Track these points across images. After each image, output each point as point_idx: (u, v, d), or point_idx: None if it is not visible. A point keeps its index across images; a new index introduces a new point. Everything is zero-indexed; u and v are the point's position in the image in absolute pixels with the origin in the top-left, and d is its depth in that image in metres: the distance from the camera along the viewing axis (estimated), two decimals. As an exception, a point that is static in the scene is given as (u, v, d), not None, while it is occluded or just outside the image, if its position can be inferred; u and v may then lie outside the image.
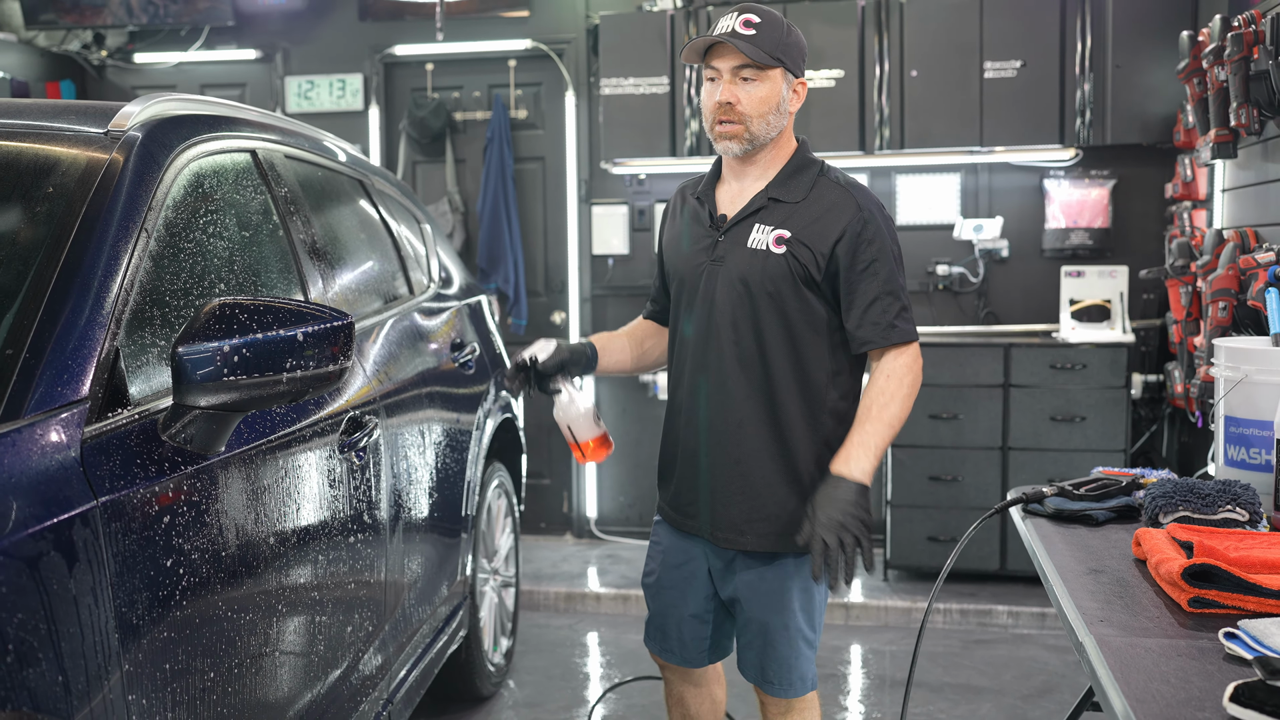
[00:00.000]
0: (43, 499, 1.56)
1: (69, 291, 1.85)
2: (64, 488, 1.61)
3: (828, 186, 2.46)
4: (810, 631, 2.54)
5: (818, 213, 2.43)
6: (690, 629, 2.66)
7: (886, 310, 2.40)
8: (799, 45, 2.46)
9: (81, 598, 1.57)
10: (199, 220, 2.30)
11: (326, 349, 1.95)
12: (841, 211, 2.42)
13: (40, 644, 1.47)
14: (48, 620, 1.49)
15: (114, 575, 1.65)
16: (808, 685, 2.56)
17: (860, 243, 2.39)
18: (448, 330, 3.73)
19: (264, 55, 6.15)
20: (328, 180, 3.24)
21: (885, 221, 2.45)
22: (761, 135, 2.43)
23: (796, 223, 2.42)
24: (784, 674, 2.54)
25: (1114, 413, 4.83)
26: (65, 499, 1.60)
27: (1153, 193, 5.29)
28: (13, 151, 2.17)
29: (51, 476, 1.60)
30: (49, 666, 1.49)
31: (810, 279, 2.42)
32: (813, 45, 5.23)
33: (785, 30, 2.43)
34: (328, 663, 2.45)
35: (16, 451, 1.58)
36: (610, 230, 5.84)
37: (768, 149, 2.49)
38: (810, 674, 2.56)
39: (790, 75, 2.44)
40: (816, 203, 2.44)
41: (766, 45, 2.38)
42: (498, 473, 4.09)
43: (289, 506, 2.25)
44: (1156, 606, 1.92)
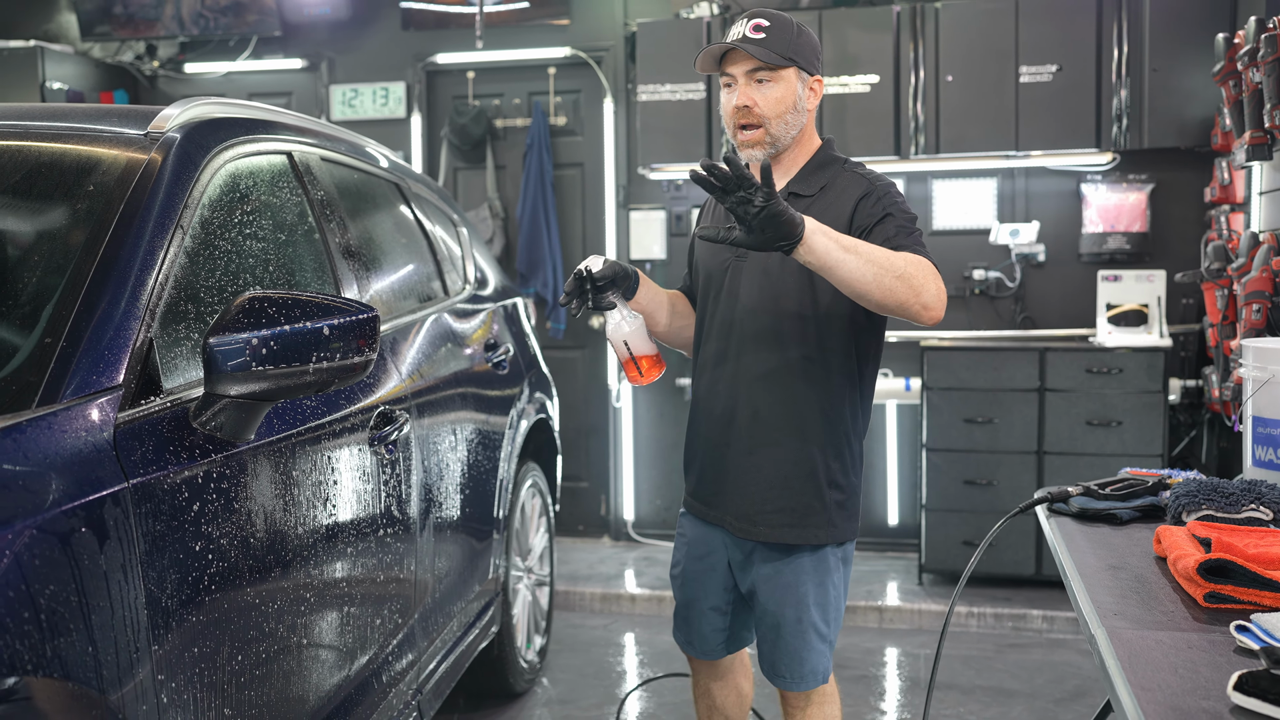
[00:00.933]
0: (76, 479, 1.64)
1: (106, 284, 1.93)
2: (97, 469, 1.68)
3: (845, 176, 2.50)
4: (824, 626, 2.57)
5: (833, 199, 2.47)
6: (709, 620, 2.72)
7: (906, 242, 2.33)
8: (810, 44, 2.49)
9: (112, 574, 1.64)
10: (234, 219, 2.38)
11: (352, 341, 2.01)
12: (853, 190, 2.45)
13: (71, 615, 1.55)
14: (79, 593, 1.57)
15: (144, 554, 1.72)
16: (819, 679, 2.59)
17: (873, 205, 2.40)
18: (482, 331, 3.80)
19: (310, 64, 6.28)
20: (364, 183, 3.32)
21: (901, 198, 2.45)
22: (782, 136, 2.48)
23: (814, 214, 2.40)
24: (795, 667, 2.58)
25: (1151, 417, 4.80)
26: (98, 479, 1.67)
27: (1192, 196, 5.26)
28: (58, 152, 2.26)
29: (85, 458, 1.68)
30: (79, 637, 1.56)
31: None
32: (848, 51, 5.27)
33: (795, 31, 2.46)
34: (354, 651, 2.51)
35: (53, 434, 1.66)
36: (648, 235, 5.89)
37: (797, 147, 2.53)
38: (823, 668, 2.59)
39: (805, 73, 2.47)
40: (832, 191, 2.48)
41: (777, 46, 2.41)
42: (532, 472, 4.15)
43: (317, 496, 2.32)
44: (1173, 602, 1.92)
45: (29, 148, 2.28)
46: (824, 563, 2.55)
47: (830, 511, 2.54)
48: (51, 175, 2.21)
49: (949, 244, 5.55)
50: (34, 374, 1.76)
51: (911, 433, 5.54)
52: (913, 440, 5.53)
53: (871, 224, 2.38)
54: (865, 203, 2.41)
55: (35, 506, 1.54)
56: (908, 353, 5.44)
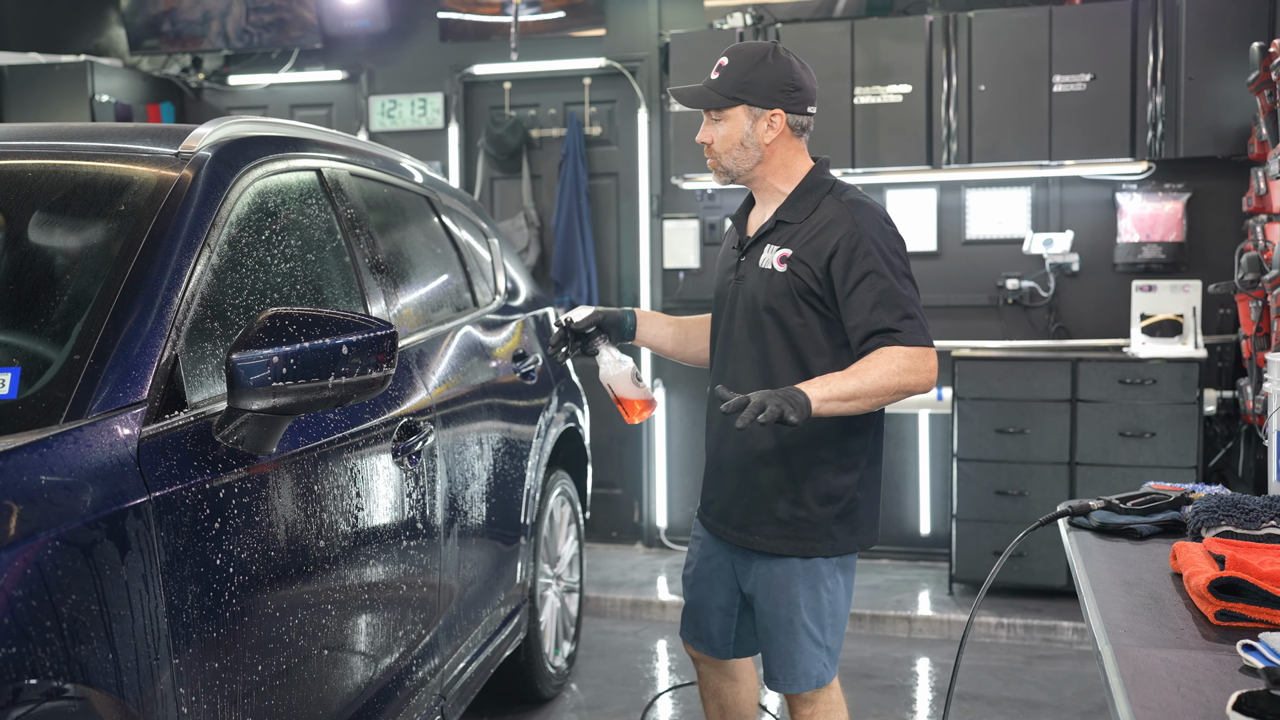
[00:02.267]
0: (100, 492, 1.71)
1: (133, 302, 2.00)
2: (120, 482, 1.75)
3: (830, 205, 2.57)
4: (817, 630, 2.62)
5: (817, 230, 2.55)
6: (718, 621, 2.80)
7: (887, 315, 2.45)
8: (771, 78, 2.55)
9: (133, 584, 1.71)
10: (261, 236, 2.45)
11: (371, 357, 2.08)
12: (837, 227, 2.52)
13: (93, 623, 1.61)
14: (100, 602, 1.63)
15: (165, 564, 1.79)
16: (811, 683, 2.64)
17: (854, 257, 2.48)
18: (511, 342, 3.86)
19: (350, 76, 6.38)
20: (394, 197, 3.39)
21: (883, 236, 2.52)
22: (734, 168, 2.62)
23: (798, 241, 2.55)
24: (787, 669, 2.64)
25: (1185, 429, 4.77)
26: (121, 493, 1.74)
27: (1229, 206, 5.22)
28: (93, 171, 2.34)
29: (109, 472, 1.75)
30: (100, 645, 1.62)
31: (811, 293, 2.53)
32: (880, 61, 5.28)
33: (753, 66, 2.55)
34: (376, 659, 2.57)
35: (78, 448, 1.73)
36: (682, 244, 5.94)
37: (775, 176, 2.64)
38: (816, 672, 2.63)
39: (757, 109, 2.55)
40: (817, 221, 2.56)
41: (724, 87, 2.54)
42: (560, 480, 4.21)
43: (339, 507, 2.38)
44: (1184, 619, 1.91)
45: (67, 167, 2.36)
46: (815, 569, 2.61)
47: (827, 524, 2.59)
48: (87, 194, 2.29)
49: (982, 253, 5.55)
50: (62, 390, 1.83)
51: (943, 442, 5.53)
52: (944, 450, 5.52)
53: (850, 287, 2.47)
54: (844, 250, 2.48)
55: (60, 519, 1.61)
56: (939, 363, 5.42)
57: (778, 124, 2.58)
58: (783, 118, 2.58)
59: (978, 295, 5.54)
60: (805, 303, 2.54)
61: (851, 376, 2.42)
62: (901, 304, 2.46)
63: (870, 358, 2.44)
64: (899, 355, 2.44)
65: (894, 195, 5.64)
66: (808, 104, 2.62)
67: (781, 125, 2.59)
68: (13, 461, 1.62)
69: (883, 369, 2.42)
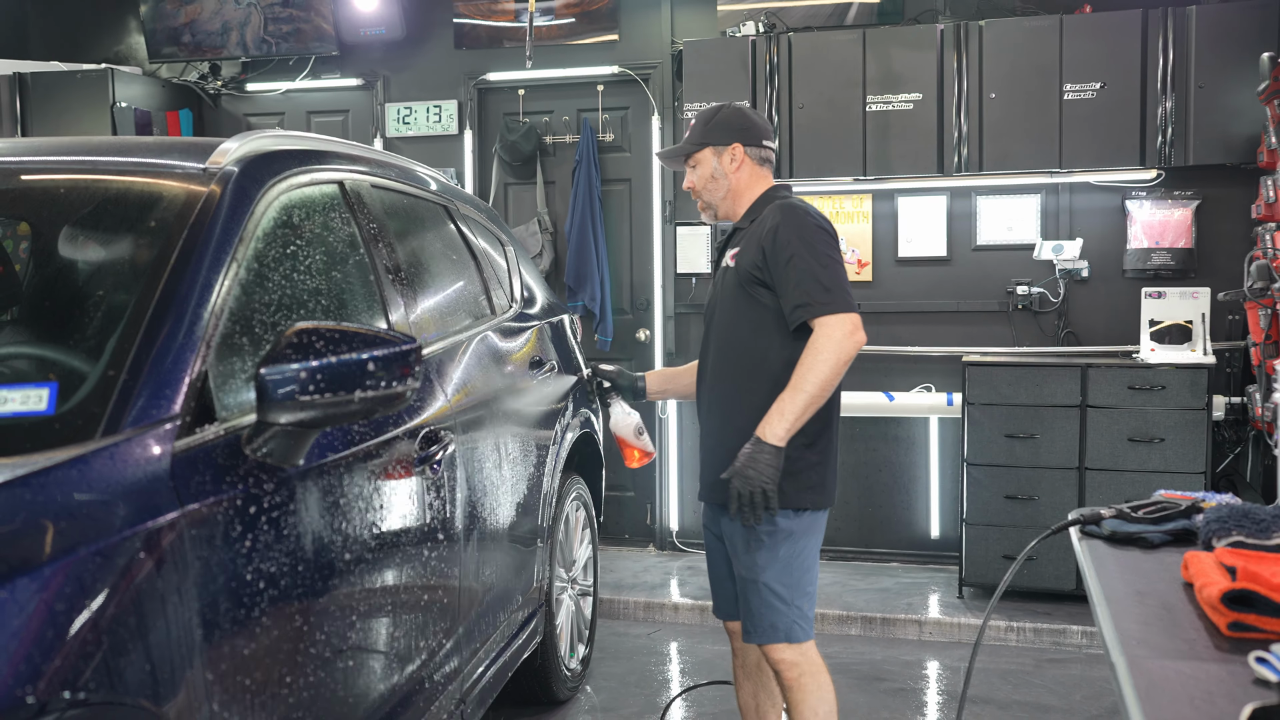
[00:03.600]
0: (135, 507, 1.76)
1: (165, 318, 2.05)
2: (154, 497, 1.81)
3: (770, 208, 3.02)
4: (781, 587, 2.94)
5: (758, 226, 3.02)
6: (724, 588, 3.21)
7: (806, 291, 2.85)
8: (725, 122, 3.09)
9: (167, 596, 1.76)
10: (286, 250, 2.50)
11: (395, 370, 2.13)
12: (767, 219, 2.98)
13: (130, 636, 1.67)
14: (136, 614, 1.69)
15: (197, 576, 1.84)
16: (779, 635, 2.96)
17: (778, 242, 2.91)
18: (528, 349, 3.91)
19: (365, 83, 6.45)
20: (413, 206, 3.45)
21: (805, 228, 2.92)
22: (713, 201, 3.15)
23: (746, 238, 3.05)
24: (752, 620, 2.99)
25: (1194, 434, 4.81)
26: (155, 507, 1.79)
27: (1238, 213, 5.25)
28: (123, 186, 2.40)
29: (144, 487, 1.80)
30: (137, 656, 1.68)
31: (754, 279, 2.96)
32: (892, 69, 5.33)
33: (711, 117, 3.12)
34: (399, 664, 2.63)
35: (114, 464, 1.78)
36: (694, 250, 5.99)
37: (740, 199, 3.11)
38: (782, 626, 2.95)
39: (720, 147, 3.08)
40: (759, 223, 3.02)
41: (691, 138, 3.12)
42: (576, 485, 4.26)
43: (365, 516, 2.44)
44: (1196, 630, 1.93)
45: (97, 182, 2.42)
46: (771, 526, 2.93)
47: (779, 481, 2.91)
48: (117, 209, 2.35)
49: (992, 259, 5.59)
50: (98, 405, 1.89)
51: (953, 447, 5.58)
52: (954, 455, 5.56)
53: (779, 265, 2.90)
54: (772, 238, 2.92)
55: (97, 534, 1.67)
56: (949, 368, 5.49)
57: (738, 155, 3.09)
58: (741, 149, 3.09)
59: (988, 301, 5.58)
60: (750, 289, 2.97)
61: (797, 391, 2.82)
62: (819, 278, 2.86)
63: (800, 363, 2.84)
64: (819, 340, 2.83)
65: (905, 202, 5.68)
66: (762, 139, 3.12)
67: (741, 156, 3.09)
68: (53, 478, 1.68)
69: (816, 364, 2.81)
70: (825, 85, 5.43)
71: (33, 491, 1.63)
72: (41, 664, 1.50)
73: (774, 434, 2.82)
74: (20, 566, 1.54)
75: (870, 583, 5.49)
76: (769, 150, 3.13)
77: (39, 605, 1.52)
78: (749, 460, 2.82)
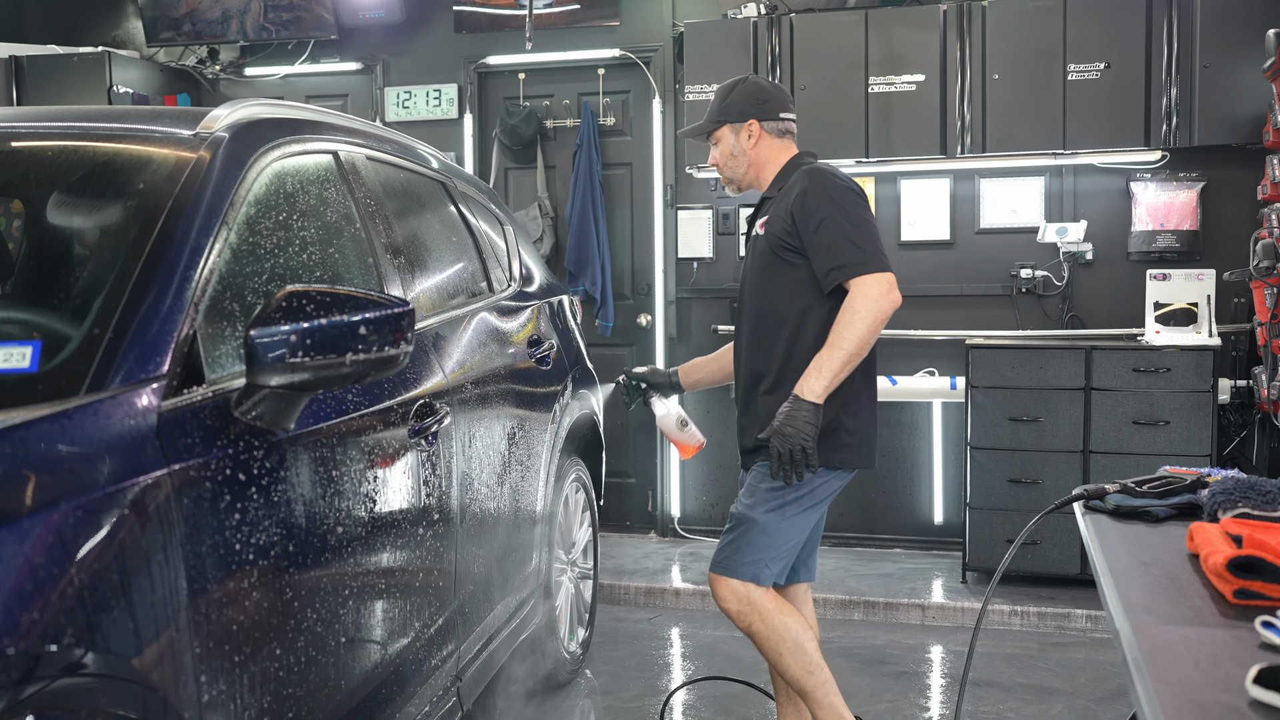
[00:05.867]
0: (121, 463, 1.73)
1: (153, 277, 2.02)
2: (140, 454, 1.77)
3: (796, 175, 3.05)
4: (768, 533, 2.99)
5: (785, 194, 3.05)
6: None
7: (840, 253, 2.88)
8: (741, 98, 3.12)
9: (153, 555, 1.73)
10: (279, 217, 2.47)
11: (388, 334, 2.09)
12: (795, 185, 3.01)
13: (113, 593, 1.63)
14: (120, 571, 1.65)
15: (184, 536, 1.81)
16: (746, 573, 3.01)
17: (807, 206, 2.94)
18: (527, 328, 3.87)
19: (365, 67, 6.41)
20: (410, 182, 3.41)
21: (835, 190, 2.95)
22: (734, 175, 3.19)
23: (775, 206, 3.08)
24: (727, 553, 3.05)
25: (1199, 417, 4.77)
26: (141, 464, 1.76)
27: (1244, 194, 5.21)
28: (112, 151, 2.36)
29: (130, 443, 1.77)
30: (121, 614, 1.64)
31: (785, 245, 2.99)
32: (894, 50, 5.28)
33: (727, 94, 3.14)
34: (392, 638, 2.59)
35: (99, 419, 1.75)
36: (695, 234, 5.95)
37: (764, 171, 3.15)
38: (750, 568, 2.99)
39: (736, 124, 3.12)
40: (787, 190, 3.05)
41: (710, 116, 3.16)
42: (575, 466, 4.22)
43: (356, 485, 2.40)
44: (1201, 598, 1.91)
45: (86, 148, 2.38)
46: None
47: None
48: (106, 173, 2.31)
49: (995, 243, 5.55)
50: (83, 363, 1.85)
51: (956, 431, 5.54)
52: (957, 439, 5.53)
53: (810, 230, 2.93)
54: (802, 204, 2.94)
55: (81, 489, 1.63)
56: (953, 351, 5.44)
57: (755, 131, 3.13)
58: (757, 125, 3.12)
59: (991, 285, 5.54)
60: (781, 255, 3.01)
61: (834, 349, 2.85)
62: (852, 238, 2.89)
63: (837, 322, 2.87)
64: (856, 300, 2.85)
65: (907, 184, 5.64)
66: (780, 111, 3.13)
67: (758, 132, 3.13)
68: (34, 431, 1.64)
69: (854, 323, 2.84)
70: (827, 67, 5.39)
71: (12, 444, 1.59)
72: (20, 616, 1.47)
73: (812, 391, 2.84)
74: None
75: (873, 568, 5.45)
76: (788, 121, 3.15)
77: (19, 558, 1.49)
78: (787, 418, 2.84)
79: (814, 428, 2.84)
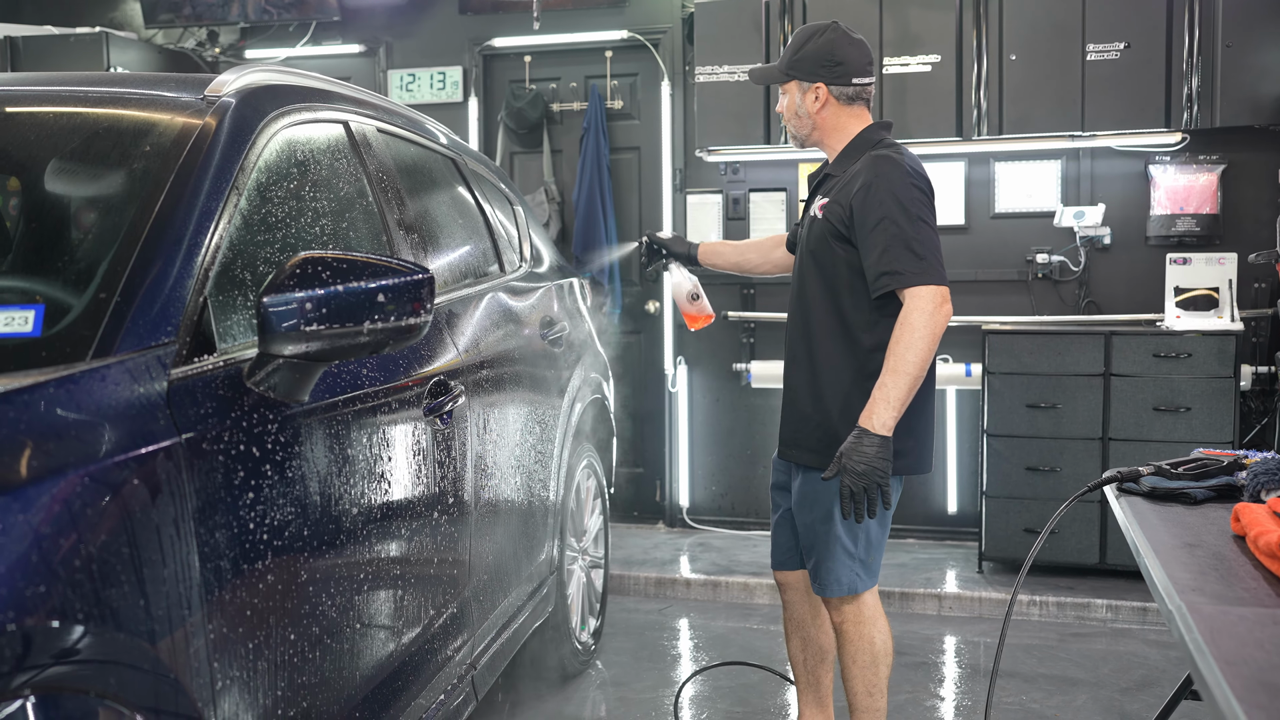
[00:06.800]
0: (130, 431, 1.62)
1: (161, 241, 1.92)
2: (150, 422, 1.67)
3: (865, 159, 2.84)
4: (850, 543, 2.87)
5: (850, 179, 2.84)
6: (783, 535, 3.13)
7: (896, 258, 2.69)
8: (814, 54, 2.89)
9: (164, 527, 1.63)
10: (290, 184, 2.37)
11: (407, 303, 1.99)
12: (862, 174, 2.80)
13: (123, 567, 1.53)
14: (130, 545, 1.55)
15: (195, 509, 1.71)
16: (843, 589, 2.90)
17: (869, 200, 2.74)
18: (539, 309, 3.77)
19: (368, 49, 6.30)
20: (421, 157, 3.31)
21: (902, 186, 2.74)
22: (797, 133, 3.00)
23: (837, 190, 2.87)
24: (820, 574, 2.92)
25: (1221, 403, 4.68)
26: (151, 433, 1.66)
27: (1265, 177, 5.12)
28: (116, 116, 2.26)
29: (139, 411, 1.66)
30: (130, 589, 1.54)
31: (840, 235, 2.82)
32: (909, 30, 5.18)
33: (802, 44, 2.91)
34: (405, 623, 2.49)
35: (106, 385, 1.64)
36: (705, 219, 5.85)
37: (829, 139, 2.96)
38: (847, 580, 2.89)
39: (803, 83, 2.92)
40: (853, 172, 2.85)
41: (781, 65, 2.95)
42: (587, 453, 4.12)
43: (371, 462, 2.30)
44: (1254, 579, 1.87)
45: (89, 113, 2.28)
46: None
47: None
48: (111, 138, 2.21)
49: (1011, 227, 5.45)
50: (88, 328, 1.75)
51: (971, 419, 5.44)
52: (972, 427, 5.43)
53: (867, 226, 2.74)
54: (864, 196, 2.76)
55: (88, 456, 1.53)
56: (968, 338, 5.34)
57: (821, 95, 2.91)
58: (825, 89, 2.90)
59: (1006, 270, 5.45)
60: (835, 244, 2.84)
61: (897, 375, 2.66)
62: (912, 245, 2.69)
63: (897, 342, 2.67)
64: (914, 316, 2.66)
65: (921, 168, 5.54)
66: (852, 76, 2.89)
67: (825, 96, 2.91)
68: (39, 396, 1.54)
69: (914, 342, 2.66)
70: (840, 48, 5.28)
71: (15, 409, 1.49)
72: (23, 590, 1.36)
73: (881, 423, 2.65)
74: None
75: (887, 558, 5.34)
76: (861, 86, 2.91)
77: (22, 528, 1.39)
78: (855, 454, 2.64)
79: (887, 462, 2.64)
